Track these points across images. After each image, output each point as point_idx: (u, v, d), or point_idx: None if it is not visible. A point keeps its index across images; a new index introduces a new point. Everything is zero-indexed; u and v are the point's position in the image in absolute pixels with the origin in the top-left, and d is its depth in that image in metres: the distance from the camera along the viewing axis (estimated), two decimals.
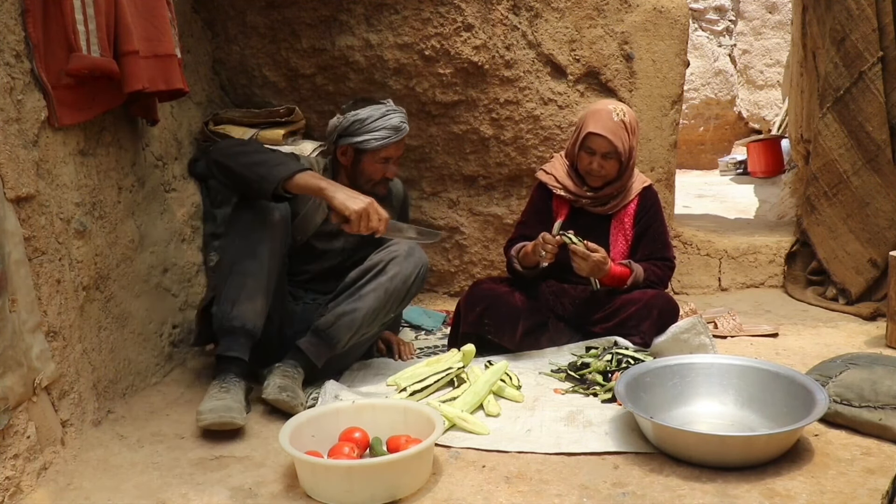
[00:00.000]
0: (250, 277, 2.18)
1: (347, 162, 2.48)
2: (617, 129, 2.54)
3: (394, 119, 2.43)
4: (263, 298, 2.20)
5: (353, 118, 2.42)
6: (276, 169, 2.13)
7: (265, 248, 2.20)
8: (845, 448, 1.89)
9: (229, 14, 3.23)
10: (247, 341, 2.19)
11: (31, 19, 1.85)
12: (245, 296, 2.17)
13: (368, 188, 2.44)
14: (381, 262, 2.35)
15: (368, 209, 2.09)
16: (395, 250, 2.37)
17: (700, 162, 8.08)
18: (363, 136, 2.41)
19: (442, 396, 2.27)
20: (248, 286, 2.17)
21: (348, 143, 2.44)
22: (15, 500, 1.69)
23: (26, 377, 1.75)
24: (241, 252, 2.20)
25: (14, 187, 1.76)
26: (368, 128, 2.41)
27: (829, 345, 2.72)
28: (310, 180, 2.12)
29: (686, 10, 3.27)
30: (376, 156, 2.44)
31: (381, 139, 2.41)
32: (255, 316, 2.18)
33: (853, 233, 3.21)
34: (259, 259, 2.19)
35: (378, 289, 2.32)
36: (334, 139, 2.48)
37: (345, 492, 1.69)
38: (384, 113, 2.43)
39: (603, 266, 2.50)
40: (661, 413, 2.03)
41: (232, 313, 2.17)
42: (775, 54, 7.86)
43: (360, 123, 2.41)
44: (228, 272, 2.20)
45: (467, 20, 3.12)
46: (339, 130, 2.46)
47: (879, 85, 3.08)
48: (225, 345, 2.19)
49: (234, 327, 2.17)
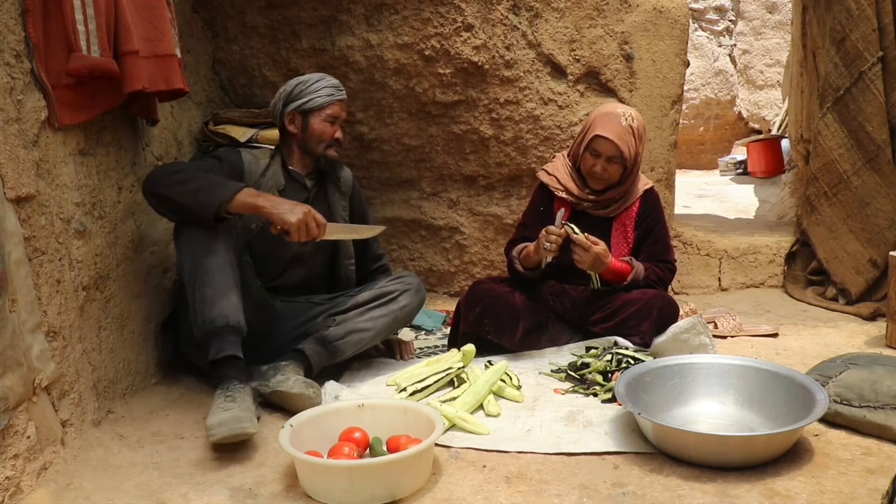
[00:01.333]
0: (215, 274, 2.13)
1: (297, 129, 2.50)
2: (624, 134, 2.53)
3: (332, 80, 2.52)
4: (236, 292, 2.15)
5: (296, 82, 2.50)
6: (216, 192, 2.15)
7: (220, 245, 2.17)
8: (845, 448, 1.89)
9: (229, 14, 3.23)
10: (236, 338, 2.14)
11: (31, 19, 1.85)
12: (218, 293, 2.12)
13: (321, 151, 2.51)
14: (396, 292, 2.53)
15: (306, 219, 2.17)
16: (408, 283, 2.57)
17: (700, 162, 8.09)
18: (308, 97, 2.47)
19: (442, 396, 2.27)
20: (216, 283, 2.12)
21: (294, 107, 2.48)
22: (15, 500, 1.69)
23: (26, 377, 1.75)
24: (197, 256, 2.15)
25: (14, 187, 1.76)
26: (311, 88, 2.48)
27: (829, 345, 2.72)
28: (247, 200, 2.16)
29: (686, 10, 3.27)
30: (323, 114, 2.48)
31: (326, 96, 2.47)
32: (234, 311, 2.12)
33: (853, 233, 3.21)
34: (218, 255, 2.15)
35: (389, 315, 2.51)
36: (280, 109, 2.51)
37: (345, 492, 1.68)
38: (321, 76, 2.53)
39: (604, 259, 2.50)
40: (661, 413, 2.03)
41: (212, 314, 2.10)
42: (775, 54, 7.86)
43: (302, 85, 2.48)
44: (192, 280, 2.14)
45: (467, 20, 3.12)
46: (283, 98, 2.50)
47: (879, 85, 3.08)
48: (215, 348, 2.12)
49: (219, 327, 2.10)
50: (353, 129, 3.37)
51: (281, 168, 2.53)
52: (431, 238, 3.52)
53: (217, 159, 2.41)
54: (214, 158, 2.42)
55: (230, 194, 2.14)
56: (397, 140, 3.38)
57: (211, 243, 2.15)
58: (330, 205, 2.60)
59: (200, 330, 2.12)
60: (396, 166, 3.44)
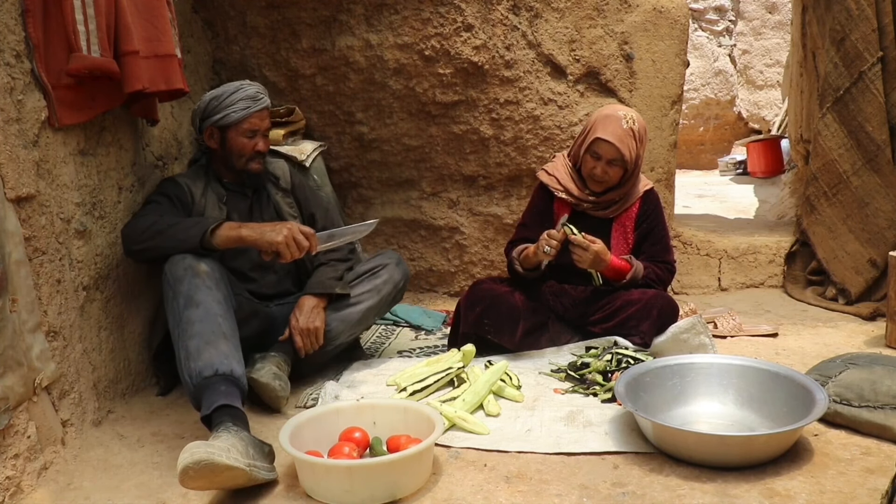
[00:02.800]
0: (199, 324, 1.97)
1: (216, 144, 2.43)
2: (625, 137, 2.53)
3: (249, 90, 2.41)
4: (226, 340, 1.98)
5: (209, 97, 2.41)
6: (192, 231, 2.12)
7: (202, 295, 2.03)
8: (845, 448, 1.89)
9: (229, 14, 3.23)
10: (228, 387, 1.90)
11: (32, 19, 1.85)
12: (203, 343, 1.95)
13: (242, 164, 2.43)
14: (378, 267, 2.54)
15: (292, 234, 2.14)
16: (389, 257, 2.58)
17: (700, 162, 8.08)
18: (223, 112, 2.37)
19: (442, 396, 2.28)
20: (201, 333, 1.96)
21: (210, 123, 2.39)
22: (15, 500, 1.69)
23: (27, 377, 1.75)
24: (179, 309, 2.02)
25: (14, 187, 1.76)
26: (226, 102, 2.38)
27: (829, 345, 2.72)
28: (229, 233, 2.13)
29: (686, 10, 3.27)
30: (240, 128, 2.38)
31: (241, 110, 2.37)
32: (223, 358, 1.93)
33: (853, 233, 3.21)
34: (200, 307, 2.01)
35: (373, 290, 2.50)
36: (198, 125, 2.44)
37: (345, 492, 1.69)
38: (238, 87, 2.41)
39: (604, 257, 2.51)
40: (661, 413, 2.03)
41: (198, 366, 1.92)
42: (775, 54, 7.86)
43: (216, 101, 2.39)
44: (177, 334, 2.00)
45: (467, 20, 3.12)
46: (199, 115, 2.42)
47: (879, 85, 3.08)
48: (207, 401, 1.87)
49: (207, 378, 1.90)
50: (353, 129, 3.37)
51: (216, 182, 2.47)
52: (431, 238, 3.53)
53: (167, 197, 2.34)
54: (164, 197, 2.34)
55: (210, 226, 2.11)
56: (397, 140, 3.38)
57: (193, 293, 2.02)
58: (275, 205, 2.55)
59: (189, 387, 1.93)
60: (396, 166, 3.44)
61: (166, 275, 2.09)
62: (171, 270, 2.08)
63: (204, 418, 1.88)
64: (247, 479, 1.68)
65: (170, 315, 2.05)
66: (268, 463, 1.79)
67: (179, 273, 2.06)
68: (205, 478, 1.62)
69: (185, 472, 1.60)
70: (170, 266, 2.09)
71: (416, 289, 3.57)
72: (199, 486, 1.65)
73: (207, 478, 1.62)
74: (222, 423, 1.79)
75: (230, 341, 2.00)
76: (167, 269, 2.09)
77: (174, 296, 2.04)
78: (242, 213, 2.49)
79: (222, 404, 1.85)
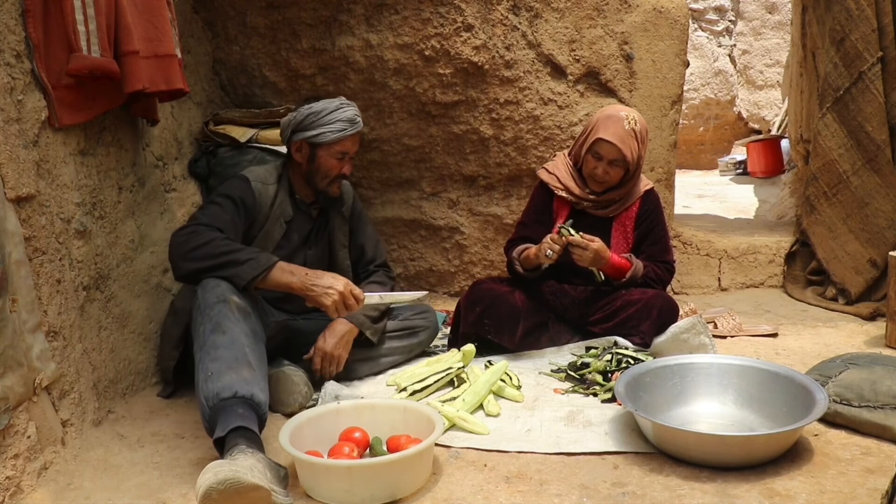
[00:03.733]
0: (224, 350, 1.90)
1: (303, 159, 2.39)
2: (627, 138, 2.53)
3: (348, 112, 2.37)
4: (250, 368, 1.89)
5: (307, 111, 2.35)
6: (243, 270, 2.05)
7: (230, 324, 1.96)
8: (845, 448, 1.89)
9: (229, 14, 3.23)
10: (246, 410, 1.80)
11: (32, 19, 1.85)
12: (225, 367, 1.86)
13: (324, 185, 2.41)
14: (419, 329, 2.61)
15: (342, 300, 2.11)
16: (431, 321, 2.65)
17: (700, 162, 8.09)
18: (318, 130, 2.34)
19: (442, 396, 2.28)
20: (224, 358, 1.88)
21: (303, 138, 2.36)
22: (15, 500, 1.69)
23: (27, 377, 1.75)
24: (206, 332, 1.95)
25: (14, 187, 1.76)
26: (323, 121, 2.34)
27: (829, 345, 2.72)
28: (280, 279, 2.08)
29: (686, 11, 3.27)
30: (332, 150, 2.36)
31: (336, 132, 2.34)
32: (244, 383, 1.84)
33: (853, 233, 3.21)
34: (227, 333, 1.94)
35: (406, 347, 2.58)
36: (288, 136, 2.40)
37: (345, 492, 1.69)
38: (338, 106, 2.37)
39: (603, 255, 2.51)
40: (661, 413, 2.03)
41: (216, 387, 1.82)
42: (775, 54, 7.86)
43: (314, 116, 2.34)
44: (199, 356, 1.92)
45: (467, 20, 3.12)
46: (292, 126, 2.38)
47: (879, 85, 3.08)
48: (222, 424, 1.76)
49: (224, 399, 1.80)
50: None
51: (288, 197, 2.43)
52: (431, 238, 3.53)
53: (232, 201, 2.26)
54: (230, 201, 2.26)
55: (261, 271, 2.06)
56: (397, 140, 3.38)
57: (222, 321, 1.95)
58: (331, 232, 2.56)
59: (205, 410, 1.82)
60: (396, 166, 3.44)
61: (198, 300, 2.02)
62: (204, 297, 2.01)
63: (216, 441, 1.76)
64: (268, 502, 1.58)
65: (196, 338, 1.98)
66: (283, 487, 1.69)
67: (211, 300, 1.99)
68: (230, 499, 1.52)
69: (207, 495, 1.50)
70: (203, 291, 2.03)
71: (417, 289, 3.57)
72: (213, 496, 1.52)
73: (232, 499, 1.52)
74: (237, 446, 1.68)
75: (255, 370, 1.90)
76: (200, 294, 2.03)
77: (202, 320, 1.97)
78: (301, 236, 2.47)
79: (238, 426, 1.74)
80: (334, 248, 2.57)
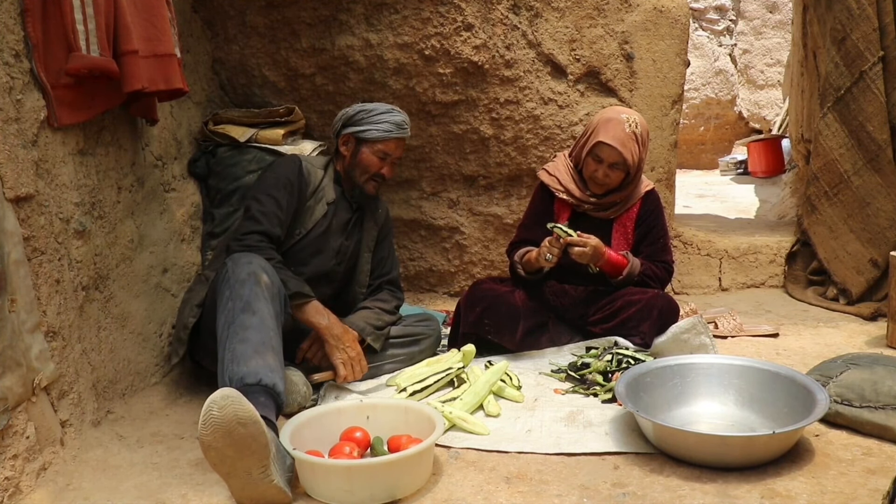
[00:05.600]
0: (253, 331, 1.93)
1: (348, 152, 2.51)
2: (628, 141, 2.53)
3: (398, 117, 2.50)
4: (274, 355, 1.93)
5: (360, 108, 2.50)
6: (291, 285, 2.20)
7: (261, 305, 1.99)
8: (846, 448, 1.89)
9: (229, 14, 3.23)
10: (267, 399, 1.84)
11: (31, 19, 1.85)
12: (251, 351, 1.90)
13: (362, 180, 2.51)
14: (421, 336, 2.61)
15: (351, 364, 2.28)
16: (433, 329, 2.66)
17: (700, 162, 8.09)
18: (366, 126, 2.47)
19: (442, 396, 2.27)
20: (252, 340, 1.91)
21: (351, 132, 2.49)
22: (14, 501, 1.69)
23: (26, 377, 1.75)
24: (235, 311, 1.97)
25: (13, 187, 1.76)
26: (373, 119, 2.47)
27: (830, 345, 2.72)
28: (311, 314, 2.26)
29: (686, 10, 3.26)
30: (375, 147, 2.48)
31: (383, 131, 2.46)
32: (269, 371, 1.87)
33: (854, 233, 3.21)
34: (257, 315, 1.97)
35: (407, 355, 2.57)
36: (338, 129, 2.53)
37: (345, 492, 1.68)
38: (389, 109, 2.51)
39: (601, 250, 2.52)
40: (662, 413, 2.03)
41: (241, 371, 1.86)
42: (776, 54, 7.86)
43: (365, 113, 2.48)
44: (226, 334, 1.94)
45: (467, 20, 3.11)
46: (343, 120, 2.51)
47: (880, 84, 3.07)
48: None
49: (248, 385, 1.83)
50: None
51: (333, 183, 2.55)
52: (431, 238, 3.52)
53: (286, 184, 2.39)
54: (283, 184, 2.39)
55: (302, 301, 2.24)
56: None
57: (252, 301, 1.98)
58: (363, 233, 2.63)
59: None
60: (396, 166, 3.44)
61: (227, 271, 2.05)
62: (235, 271, 2.04)
63: None
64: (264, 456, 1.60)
65: (221, 314, 1.99)
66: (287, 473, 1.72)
67: (242, 276, 2.02)
68: (227, 423, 1.55)
69: (208, 410, 1.54)
70: (233, 265, 2.06)
71: (416, 289, 3.57)
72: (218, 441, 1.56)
73: (229, 425, 1.55)
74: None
75: (278, 357, 1.95)
76: (230, 267, 2.06)
77: (231, 296, 1.99)
78: (339, 223, 2.54)
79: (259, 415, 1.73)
80: (361, 249, 2.63)
